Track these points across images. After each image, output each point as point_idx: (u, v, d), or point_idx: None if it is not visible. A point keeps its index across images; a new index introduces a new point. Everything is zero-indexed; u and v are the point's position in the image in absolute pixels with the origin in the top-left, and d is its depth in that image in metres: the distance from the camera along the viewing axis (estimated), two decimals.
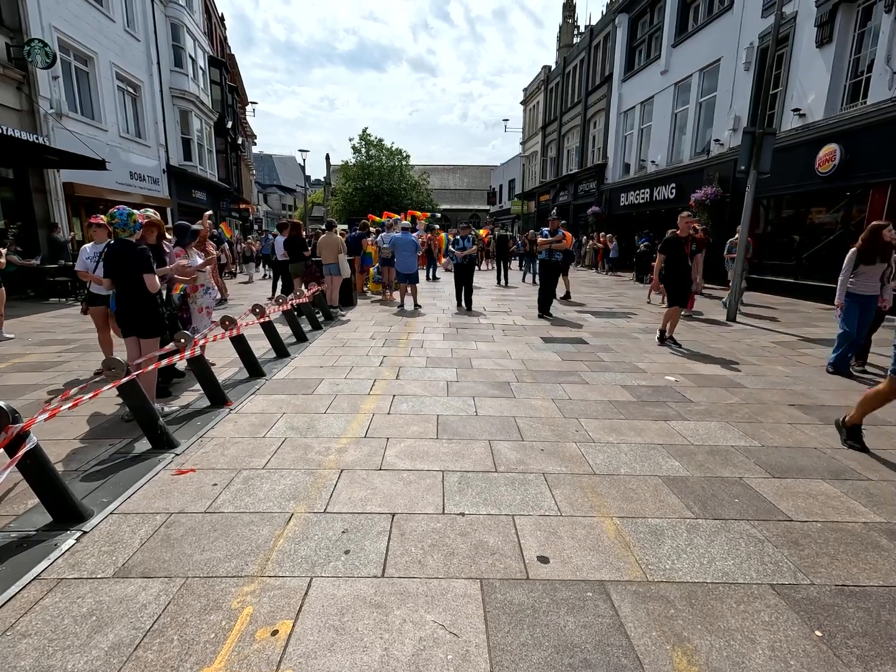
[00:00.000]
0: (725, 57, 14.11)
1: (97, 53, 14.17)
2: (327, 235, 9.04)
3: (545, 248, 8.72)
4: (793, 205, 12.48)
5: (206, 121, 21.85)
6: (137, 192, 15.97)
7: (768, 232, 13.21)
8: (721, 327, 8.14)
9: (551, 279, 8.99)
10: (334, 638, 1.81)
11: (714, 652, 1.76)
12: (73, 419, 3.90)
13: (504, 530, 2.48)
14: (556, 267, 8.97)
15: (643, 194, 18.60)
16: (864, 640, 1.82)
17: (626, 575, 2.16)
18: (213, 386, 4.27)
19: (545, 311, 9.03)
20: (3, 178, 11.69)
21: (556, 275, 9.07)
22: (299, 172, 52.69)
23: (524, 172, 35.53)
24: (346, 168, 36.03)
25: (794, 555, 2.31)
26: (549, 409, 4.25)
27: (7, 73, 10.89)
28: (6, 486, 2.77)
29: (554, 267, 8.92)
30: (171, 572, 2.15)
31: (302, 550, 2.31)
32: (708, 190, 13.93)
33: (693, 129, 15.94)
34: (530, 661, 1.72)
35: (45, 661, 1.70)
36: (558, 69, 28.45)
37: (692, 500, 2.79)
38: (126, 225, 3.70)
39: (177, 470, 3.08)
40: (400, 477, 3.02)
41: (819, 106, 11.02)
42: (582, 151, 24.80)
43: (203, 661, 1.71)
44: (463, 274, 9.71)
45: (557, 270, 9.11)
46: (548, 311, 9.03)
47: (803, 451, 3.44)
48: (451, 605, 1.98)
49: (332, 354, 6.10)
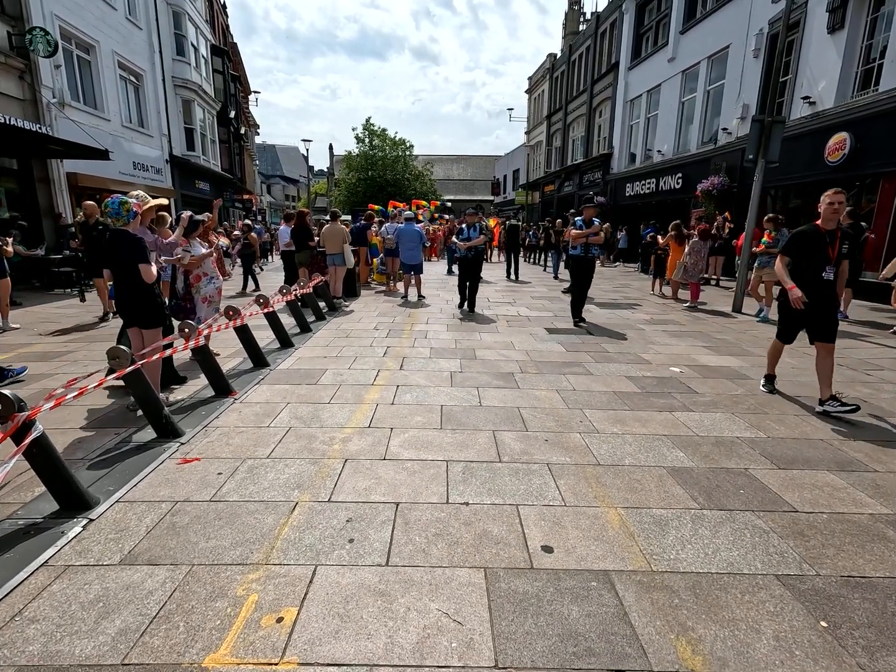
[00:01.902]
0: (734, 44, 13.88)
1: (99, 42, 14.08)
2: (331, 225, 9.00)
3: (580, 242, 7.22)
4: (801, 195, 12.32)
5: (208, 110, 21.73)
6: (141, 183, 15.92)
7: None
8: (727, 318, 8.08)
9: (586, 279, 7.49)
10: (339, 625, 1.82)
11: (718, 642, 1.76)
12: (78, 408, 3.92)
13: (508, 520, 2.48)
14: (592, 265, 7.47)
15: (649, 184, 18.42)
16: (869, 631, 1.81)
17: (631, 565, 2.16)
18: (217, 376, 4.28)
19: (579, 317, 7.55)
20: (8, 169, 11.68)
21: (591, 274, 7.51)
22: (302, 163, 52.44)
23: (528, 162, 35.25)
24: (350, 158, 35.82)
25: (799, 546, 2.30)
26: (554, 399, 4.24)
27: (9, 62, 10.85)
28: (13, 474, 2.78)
29: (590, 265, 7.42)
30: (176, 560, 2.16)
31: (306, 539, 2.31)
32: (715, 180, 13.77)
33: (700, 118, 15.73)
34: (534, 649, 1.73)
35: (53, 646, 1.72)
36: (563, 57, 28.08)
37: (697, 490, 2.78)
38: (118, 214, 3.66)
39: (182, 459, 3.10)
40: (404, 466, 3.02)
41: (829, 93, 10.83)
42: (587, 141, 24.55)
43: (209, 647, 1.72)
44: (468, 269, 8.33)
45: (593, 269, 7.51)
46: (581, 317, 7.58)
47: (809, 443, 3.42)
48: (455, 593, 1.98)
49: (336, 345, 6.10)
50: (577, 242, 7.24)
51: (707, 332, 7.07)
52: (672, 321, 7.88)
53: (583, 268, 7.37)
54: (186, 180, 19.92)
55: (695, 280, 9.38)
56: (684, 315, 8.45)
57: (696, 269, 9.36)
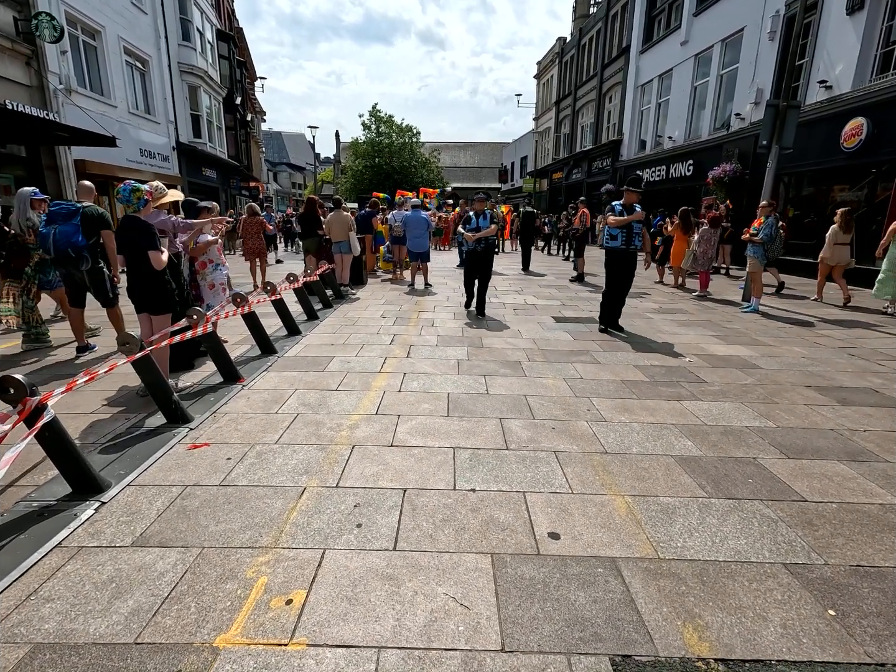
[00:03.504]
0: (749, 26, 13.54)
1: (104, 27, 14.00)
2: (336, 213, 8.96)
3: (618, 227, 5.90)
4: (814, 182, 12.10)
5: (214, 96, 21.62)
6: (148, 170, 15.94)
7: (788, 210, 12.85)
8: (736, 308, 8.00)
9: (623, 275, 6.09)
10: (347, 608, 1.84)
11: (725, 629, 1.76)
12: (89, 394, 3.96)
13: (515, 507, 2.48)
14: (633, 260, 6.12)
15: (659, 171, 18.15)
16: (878, 620, 1.80)
17: (638, 552, 2.16)
18: (225, 362, 4.30)
19: (612, 325, 6.27)
20: (16, 157, 11.70)
21: (631, 270, 6.14)
22: (309, 150, 52.13)
23: (537, 149, 34.83)
24: (356, 145, 35.56)
25: (808, 535, 2.29)
26: (561, 388, 4.23)
27: (16, 47, 10.80)
28: (33, 459, 2.82)
29: (630, 260, 6.07)
30: (187, 542, 2.19)
31: (315, 523, 2.33)
32: (726, 167, 13.53)
33: (713, 103, 15.42)
34: (541, 633, 1.74)
35: (67, 625, 1.76)
36: (573, 41, 27.58)
37: (705, 479, 2.77)
38: (129, 200, 3.67)
39: (191, 444, 3.13)
40: (411, 453, 3.03)
41: (847, 77, 10.57)
42: (596, 127, 24.19)
43: (220, 627, 1.75)
44: (476, 264, 7.04)
45: (633, 265, 6.16)
46: (616, 324, 6.27)
47: (819, 433, 3.39)
48: (462, 578, 2.00)
49: (343, 332, 6.11)
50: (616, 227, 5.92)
51: (716, 321, 7.00)
52: (681, 310, 7.82)
53: (621, 263, 6.04)
54: (193, 168, 19.89)
55: (704, 269, 9.27)
56: (693, 304, 8.37)
57: (705, 258, 9.24)
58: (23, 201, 5.36)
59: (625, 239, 5.93)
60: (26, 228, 5.31)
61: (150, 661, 1.61)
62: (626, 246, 5.96)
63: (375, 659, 1.63)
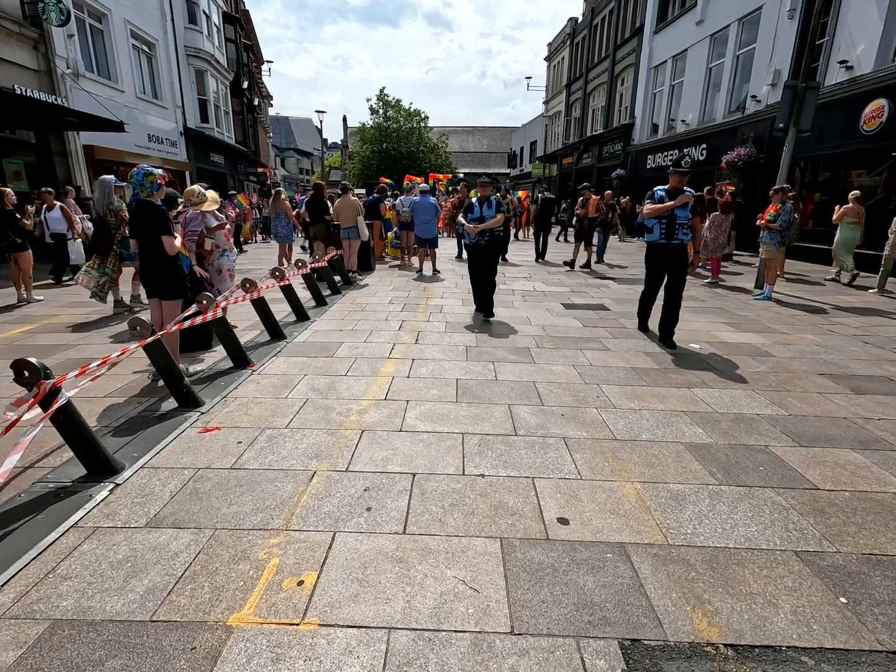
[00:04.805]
0: (768, 4, 13.12)
1: (111, 10, 13.89)
2: (344, 199, 8.91)
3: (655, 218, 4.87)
4: (831, 166, 11.81)
5: (221, 81, 21.43)
6: (156, 155, 15.92)
7: (804, 196, 12.58)
8: (748, 295, 7.88)
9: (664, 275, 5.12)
10: (358, 589, 1.86)
11: (735, 614, 1.76)
12: (102, 378, 4.00)
13: (524, 492, 2.49)
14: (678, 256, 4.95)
15: (671, 156, 17.80)
16: (891, 608, 1.79)
17: (647, 538, 2.16)
18: (235, 347, 4.32)
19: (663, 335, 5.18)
20: (26, 143, 11.74)
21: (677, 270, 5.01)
22: (316, 135, 51.72)
23: (546, 134, 34.27)
24: (364, 130, 35.25)
25: (819, 523, 2.27)
26: (570, 374, 4.21)
27: (23, 31, 10.77)
28: (48, 441, 2.87)
29: (673, 256, 4.95)
30: (200, 524, 2.22)
31: (325, 507, 2.36)
32: (741, 151, 13.22)
33: (728, 85, 15.04)
34: (550, 616, 1.75)
35: (85, 602, 1.79)
36: (585, 21, 26.92)
37: (715, 466, 2.75)
38: (142, 185, 3.68)
39: (202, 428, 3.16)
40: (420, 438, 3.04)
41: (869, 57, 10.23)
42: (608, 111, 23.72)
43: (233, 606, 1.77)
44: (481, 260, 5.97)
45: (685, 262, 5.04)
46: (664, 335, 5.18)
47: (832, 421, 3.35)
48: (471, 562, 2.01)
49: (351, 318, 6.12)
50: (654, 216, 4.86)
51: (728, 308, 6.91)
52: (692, 297, 7.71)
53: (662, 261, 5.04)
54: (201, 153, 19.81)
55: (716, 255, 9.14)
56: (704, 291, 8.27)
57: (716, 244, 9.10)
58: (108, 187, 6.10)
59: (664, 231, 4.84)
60: (108, 212, 6.11)
61: (166, 639, 1.64)
62: (668, 240, 4.86)
63: (386, 639, 1.65)
